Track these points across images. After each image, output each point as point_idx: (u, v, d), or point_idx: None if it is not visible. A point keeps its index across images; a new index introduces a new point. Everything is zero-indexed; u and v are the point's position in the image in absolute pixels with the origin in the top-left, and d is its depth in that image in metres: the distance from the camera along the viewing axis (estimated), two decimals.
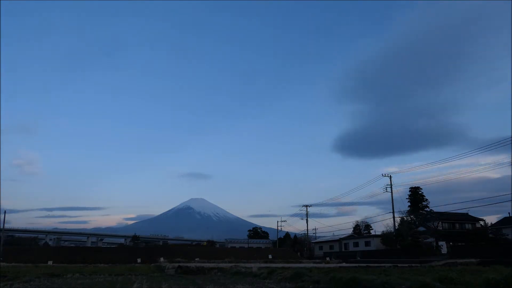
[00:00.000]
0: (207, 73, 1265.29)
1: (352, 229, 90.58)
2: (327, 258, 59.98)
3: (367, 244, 66.84)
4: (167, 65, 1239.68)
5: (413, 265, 31.74)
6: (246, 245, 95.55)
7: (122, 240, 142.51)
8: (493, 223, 63.33)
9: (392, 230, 59.61)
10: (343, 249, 73.52)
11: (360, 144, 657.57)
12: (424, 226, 62.40)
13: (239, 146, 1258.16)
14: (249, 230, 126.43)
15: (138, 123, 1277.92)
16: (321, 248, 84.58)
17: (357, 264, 33.73)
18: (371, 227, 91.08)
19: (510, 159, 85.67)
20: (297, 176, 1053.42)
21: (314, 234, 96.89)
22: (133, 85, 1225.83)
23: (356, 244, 70.25)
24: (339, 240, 77.90)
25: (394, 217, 59.71)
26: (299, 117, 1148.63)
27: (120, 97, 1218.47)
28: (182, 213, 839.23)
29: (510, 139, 38.26)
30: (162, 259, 44.60)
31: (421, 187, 65.82)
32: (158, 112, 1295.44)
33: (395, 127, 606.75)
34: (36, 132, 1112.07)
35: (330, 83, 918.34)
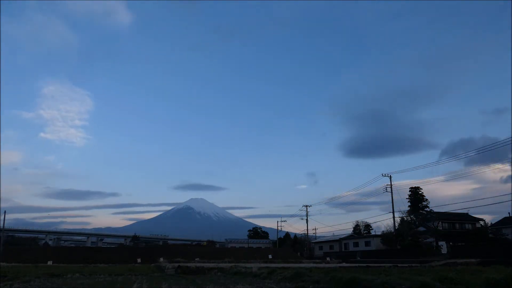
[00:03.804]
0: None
1: (352, 229, 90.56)
2: (327, 258, 59.93)
3: (367, 244, 66.84)
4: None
5: (413, 265, 31.70)
6: (246, 245, 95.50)
7: (122, 240, 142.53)
8: (493, 223, 63.36)
9: (392, 230, 59.60)
10: (343, 249, 73.50)
11: (361, 145, 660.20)
12: (424, 226, 62.38)
13: (239, 145, 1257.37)
14: (249, 230, 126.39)
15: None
16: (321, 248, 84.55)
17: (357, 264, 33.68)
18: (371, 227, 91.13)
19: (510, 159, 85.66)
20: (297, 176, 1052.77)
21: (314, 234, 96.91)
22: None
23: (356, 244, 70.23)
24: (339, 240, 77.88)
25: (394, 217, 59.71)
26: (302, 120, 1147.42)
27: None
28: (182, 213, 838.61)
29: (510, 139, 38.27)
30: (162, 259, 44.55)
31: (421, 187, 65.90)
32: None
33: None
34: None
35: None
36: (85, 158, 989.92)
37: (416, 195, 66.16)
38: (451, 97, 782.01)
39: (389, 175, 60.85)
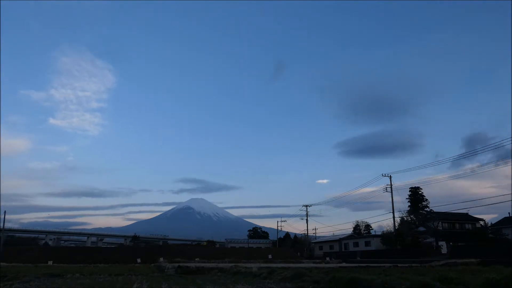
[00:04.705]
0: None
1: (352, 229, 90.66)
2: (327, 258, 59.95)
3: (367, 244, 66.83)
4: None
5: (413, 265, 31.68)
6: (246, 245, 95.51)
7: (122, 240, 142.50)
8: (493, 223, 63.37)
9: (392, 230, 59.64)
10: (343, 249, 73.50)
11: (362, 146, 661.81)
12: (424, 226, 62.42)
13: (237, 145, 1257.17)
14: (249, 230, 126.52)
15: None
16: (321, 248, 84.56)
17: (357, 264, 33.66)
18: (371, 227, 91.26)
19: (510, 159, 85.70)
20: (297, 176, 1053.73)
21: (314, 234, 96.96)
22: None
23: (356, 244, 70.24)
24: (339, 240, 77.88)
25: (394, 217, 59.73)
26: (304, 119, 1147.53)
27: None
28: (182, 213, 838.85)
29: (510, 139, 38.29)
30: (162, 259, 44.58)
31: (421, 187, 65.98)
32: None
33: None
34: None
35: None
36: (96, 150, 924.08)
37: (416, 195, 66.27)
38: (452, 97, 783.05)
39: (389, 175, 60.84)
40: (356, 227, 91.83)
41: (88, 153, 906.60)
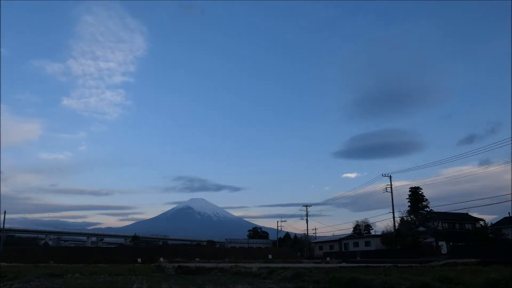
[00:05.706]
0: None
1: (352, 229, 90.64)
2: (327, 258, 59.94)
3: (367, 244, 66.85)
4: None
5: (413, 265, 31.64)
6: (246, 245, 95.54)
7: (122, 240, 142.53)
8: (493, 223, 63.37)
9: (392, 230, 59.63)
10: (343, 249, 73.52)
11: (362, 146, 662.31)
12: (424, 226, 62.42)
13: (237, 145, 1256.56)
14: (249, 230, 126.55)
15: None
16: (321, 248, 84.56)
17: (357, 264, 33.62)
18: (371, 227, 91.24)
19: (510, 159, 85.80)
20: (297, 176, 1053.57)
21: (314, 234, 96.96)
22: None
23: (356, 244, 70.25)
24: (339, 240, 77.90)
25: (394, 217, 59.73)
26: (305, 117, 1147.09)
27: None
28: (182, 213, 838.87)
29: (510, 139, 38.29)
30: (162, 259, 44.59)
31: (421, 187, 65.97)
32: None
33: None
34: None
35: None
36: (110, 139, 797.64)
37: (416, 195, 66.26)
38: (453, 97, 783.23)
39: (389, 175, 60.84)
40: (356, 227, 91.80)
41: (101, 142, 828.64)
